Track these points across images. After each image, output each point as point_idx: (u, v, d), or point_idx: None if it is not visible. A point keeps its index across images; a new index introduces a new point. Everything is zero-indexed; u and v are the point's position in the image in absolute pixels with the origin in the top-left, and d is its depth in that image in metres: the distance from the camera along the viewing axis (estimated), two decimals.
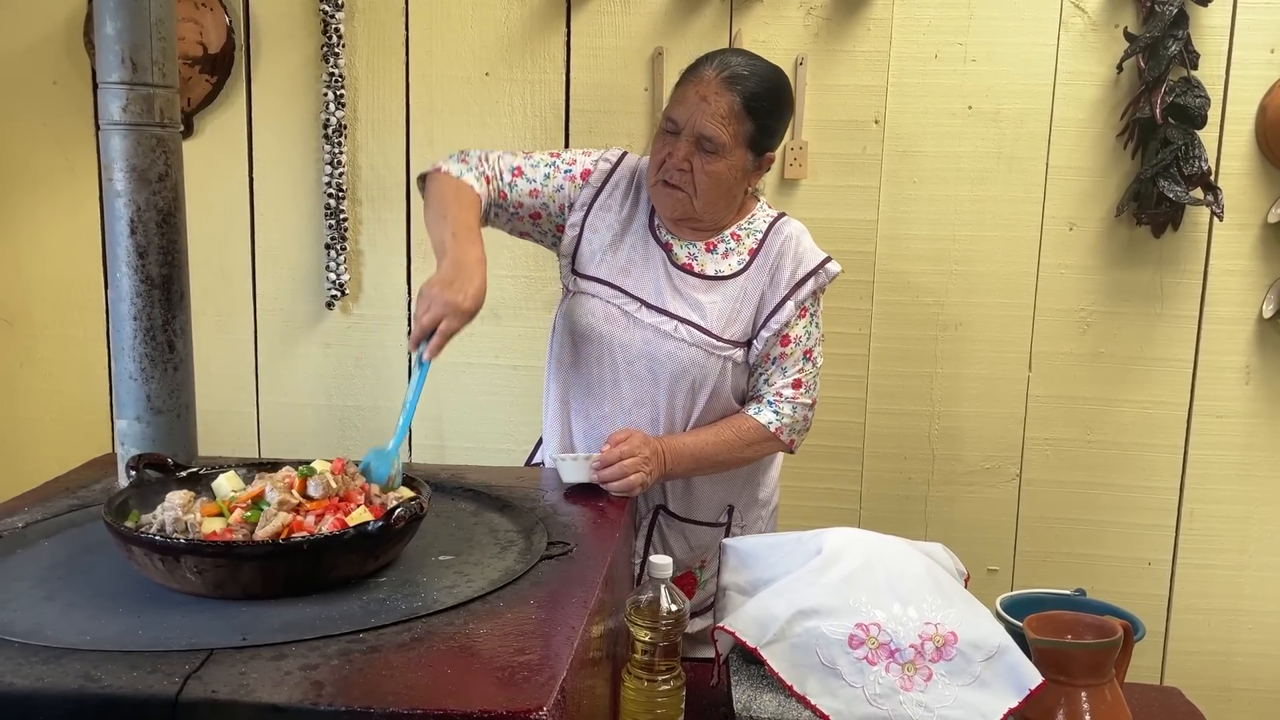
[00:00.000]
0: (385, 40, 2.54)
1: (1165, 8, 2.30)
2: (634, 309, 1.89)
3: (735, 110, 1.81)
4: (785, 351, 1.90)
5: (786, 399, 1.91)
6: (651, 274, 1.90)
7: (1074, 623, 1.54)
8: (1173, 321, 2.49)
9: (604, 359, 1.90)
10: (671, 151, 1.83)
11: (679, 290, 1.89)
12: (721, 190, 1.86)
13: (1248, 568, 2.55)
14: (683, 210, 1.88)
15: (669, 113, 1.85)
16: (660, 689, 1.41)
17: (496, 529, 1.54)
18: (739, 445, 1.89)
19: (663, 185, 1.86)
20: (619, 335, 1.89)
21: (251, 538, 1.29)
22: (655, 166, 1.87)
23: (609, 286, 1.91)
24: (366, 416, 2.67)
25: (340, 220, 2.57)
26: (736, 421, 1.90)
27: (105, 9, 1.57)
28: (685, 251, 1.92)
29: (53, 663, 1.08)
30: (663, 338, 1.87)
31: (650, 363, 1.87)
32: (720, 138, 1.81)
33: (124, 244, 1.63)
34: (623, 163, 1.98)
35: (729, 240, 1.92)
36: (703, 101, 1.81)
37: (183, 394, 1.70)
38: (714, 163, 1.83)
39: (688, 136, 1.82)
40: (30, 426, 2.75)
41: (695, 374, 1.87)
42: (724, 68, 1.82)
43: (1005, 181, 2.47)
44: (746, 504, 2.04)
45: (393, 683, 1.06)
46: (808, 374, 1.93)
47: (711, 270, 1.90)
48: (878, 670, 1.49)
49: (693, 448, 1.86)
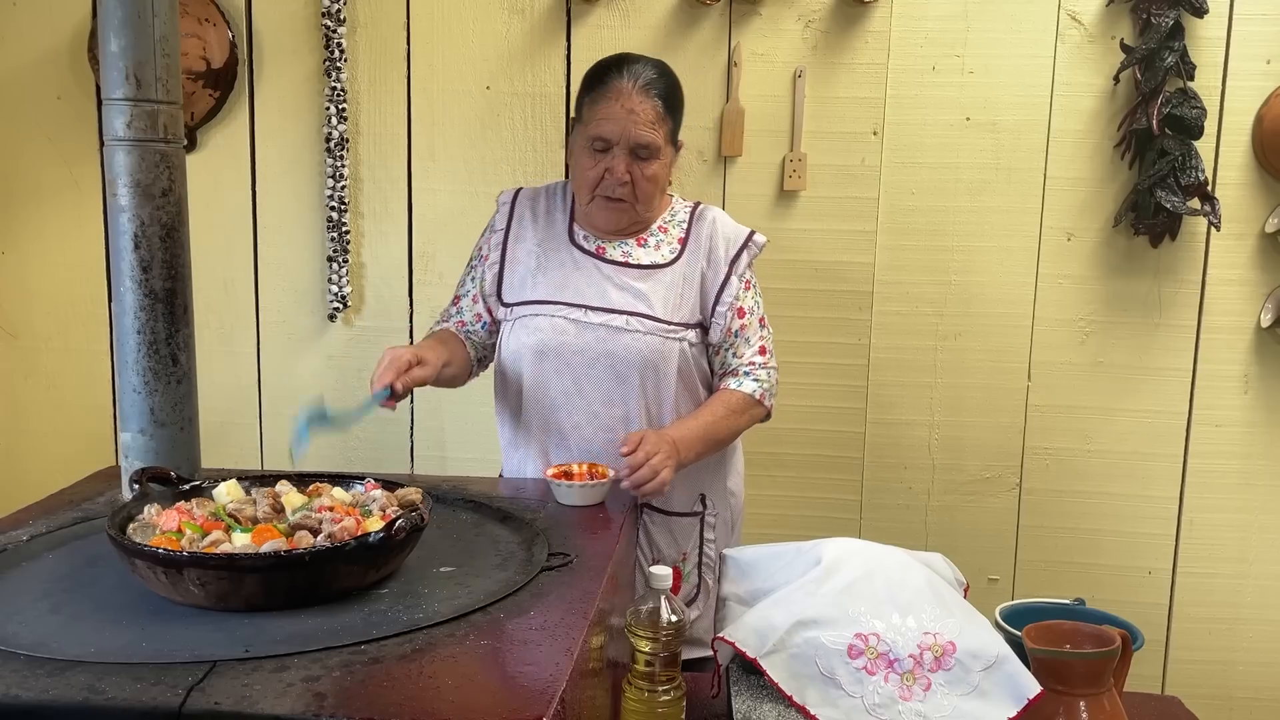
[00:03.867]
0: (387, 54, 2.56)
1: (1161, 19, 2.32)
2: (580, 315, 1.93)
3: (659, 113, 1.90)
4: (744, 323, 1.98)
5: (759, 365, 2.00)
6: (587, 278, 1.95)
7: (1073, 632, 1.55)
8: (1171, 331, 2.50)
9: (563, 371, 1.93)
10: (610, 168, 1.89)
11: (620, 285, 1.94)
12: (659, 189, 1.96)
13: (1248, 576, 2.56)
14: (627, 220, 1.96)
15: (595, 132, 1.90)
16: (661, 699, 1.41)
17: (497, 540, 1.54)
18: (731, 416, 1.96)
19: (604, 201, 1.93)
20: (571, 342, 1.92)
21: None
22: (589, 186, 1.92)
23: (548, 303, 1.95)
24: (368, 428, 2.68)
25: (342, 233, 2.58)
26: (723, 397, 1.98)
27: (110, 26, 1.58)
28: (619, 251, 1.98)
29: (57, 675, 1.09)
30: (616, 333, 1.91)
31: (610, 360, 1.92)
32: (655, 142, 1.90)
33: (128, 258, 1.64)
34: (518, 198, 2.06)
35: (657, 233, 2.00)
36: (630, 114, 1.88)
37: (186, 407, 1.71)
38: (650, 166, 1.91)
39: (622, 150, 1.89)
40: (34, 439, 2.76)
41: (656, 361, 1.92)
42: (635, 76, 1.89)
43: (1003, 192, 2.48)
44: (718, 493, 2.08)
45: (394, 694, 1.07)
46: (767, 340, 2.02)
47: (647, 261, 1.97)
48: (877, 680, 1.49)
49: (696, 429, 1.91)
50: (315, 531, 1.34)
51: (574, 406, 1.94)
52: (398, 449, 2.69)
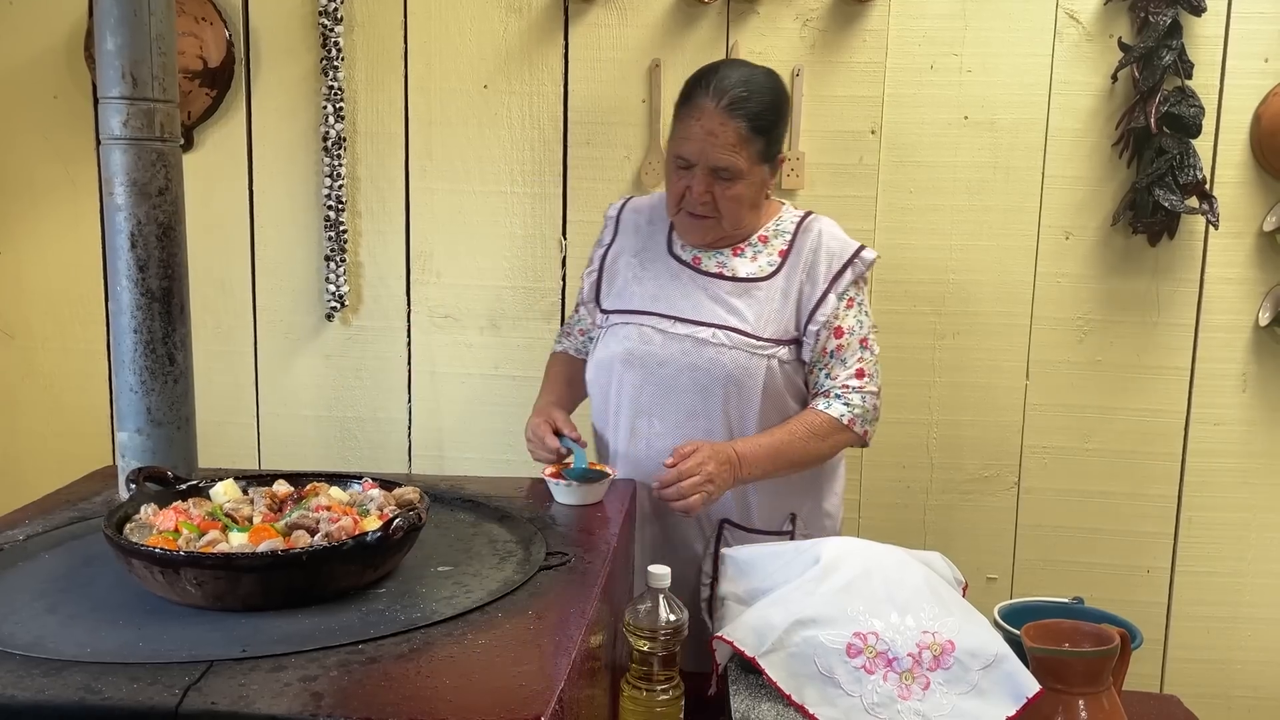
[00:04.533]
0: (384, 53, 2.56)
1: (1159, 18, 2.32)
2: (667, 325, 1.90)
3: (743, 135, 1.82)
4: (841, 343, 1.90)
5: (854, 389, 1.90)
6: (682, 290, 1.92)
7: (1071, 631, 1.55)
8: (1169, 330, 2.50)
9: (649, 380, 1.91)
10: (690, 185, 1.85)
11: (714, 297, 1.90)
12: (746, 206, 1.89)
13: (1246, 574, 2.56)
14: (713, 235, 1.92)
15: (676, 150, 1.86)
16: (659, 699, 1.41)
17: (495, 539, 1.54)
18: (812, 439, 1.87)
19: (688, 216, 1.89)
20: (657, 353, 1.90)
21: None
22: (675, 200, 1.89)
23: (639, 313, 1.93)
24: (366, 427, 2.68)
25: (340, 232, 2.58)
26: (806, 417, 1.89)
27: (106, 25, 1.58)
28: (714, 261, 1.94)
29: (54, 675, 1.08)
30: (701, 345, 1.87)
31: (694, 373, 1.88)
32: (736, 165, 1.82)
33: (124, 258, 1.64)
34: (624, 211, 2.06)
35: (757, 244, 1.94)
36: (710, 136, 1.81)
37: (183, 406, 1.71)
38: (733, 187, 1.85)
39: (702, 170, 1.83)
40: (31, 439, 2.76)
41: (741, 377, 1.87)
42: (720, 94, 1.80)
43: (1002, 191, 2.48)
44: (810, 513, 2.01)
45: (391, 694, 1.07)
46: (868, 363, 1.92)
47: (744, 273, 1.92)
48: (875, 679, 1.49)
49: (766, 446, 1.85)
50: (312, 531, 1.34)
51: (659, 416, 1.91)
52: (395, 448, 2.69)
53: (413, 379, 2.66)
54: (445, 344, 2.64)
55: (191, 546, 1.30)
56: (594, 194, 2.55)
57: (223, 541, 1.32)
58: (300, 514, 1.38)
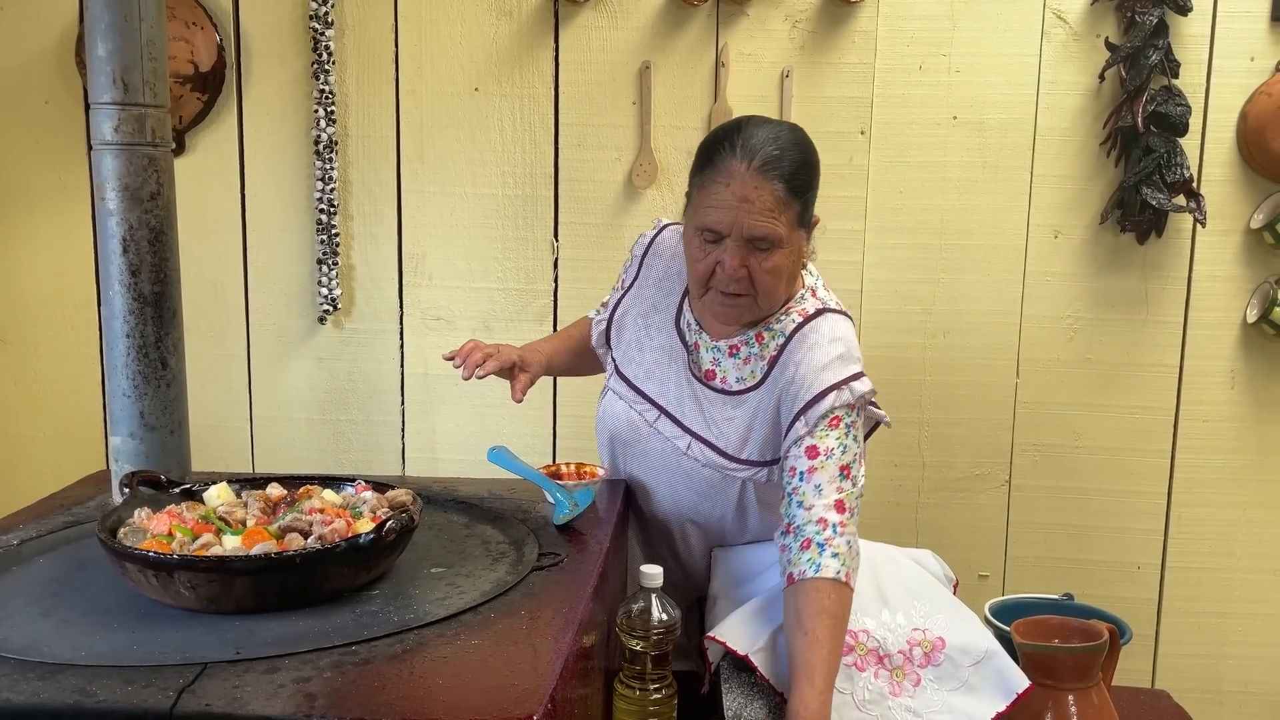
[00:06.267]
0: (375, 57, 2.56)
1: (1146, 17, 2.33)
2: (653, 418, 1.78)
3: (780, 198, 1.59)
4: (814, 465, 1.59)
5: (836, 527, 1.54)
6: (674, 379, 1.77)
7: (1060, 627, 1.56)
8: (1158, 327, 2.51)
9: (634, 460, 1.83)
10: (721, 261, 1.61)
11: (697, 401, 1.75)
12: (784, 280, 1.67)
13: (1236, 570, 2.57)
14: (748, 316, 1.70)
15: (702, 222, 1.62)
16: (652, 698, 1.42)
17: (488, 540, 1.55)
18: (839, 627, 1.49)
19: (719, 296, 1.65)
20: (642, 445, 1.80)
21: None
22: (701, 280, 1.66)
23: (633, 390, 1.81)
24: (359, 430, 2.68)
25: (332, 235, 2.58)
26: (811, 602, 1.49)
27: (97, 31, 1.59)
28: (709, 356, 1.75)
29: (48, 678, 1.09)
30: (678, 455, 1.75)
31: (670, 476, 1.78)
32: (775, 233, 1.60)
33: (116, 262, 1.64)
34: (651, 249, 1.87)
35: (753, 343, 1.72)
36: (743, 202, 1.58)
37: (176, 410, 1.72)
38: (771, 258, 1.62)
39: (736, 241, 1.60)
40: (25, 444, 2.75)
41: (712, 494, 1.75)
42: (751, 154, 1.58)
43: (990, 190, 2.49)
44: None
45: (385, 694, 1.07)
46: (848, 494, 1.59)
47: (732, 379, 1.73)
48: (867, 676, 1.50)
49: (827, 679, 1.45)
50: (305, 533, 1.35)
51: (654, 488, 1.82)
52: (389, 450, 2.69)
53: (405, 381, 2.66)
54: (438, 346, 2.63)
55: (185, 550, 1.30)
56: (585, 196, 2.56)
57: (216, 544, 1.32)
58: (293, 517, 1.39)
